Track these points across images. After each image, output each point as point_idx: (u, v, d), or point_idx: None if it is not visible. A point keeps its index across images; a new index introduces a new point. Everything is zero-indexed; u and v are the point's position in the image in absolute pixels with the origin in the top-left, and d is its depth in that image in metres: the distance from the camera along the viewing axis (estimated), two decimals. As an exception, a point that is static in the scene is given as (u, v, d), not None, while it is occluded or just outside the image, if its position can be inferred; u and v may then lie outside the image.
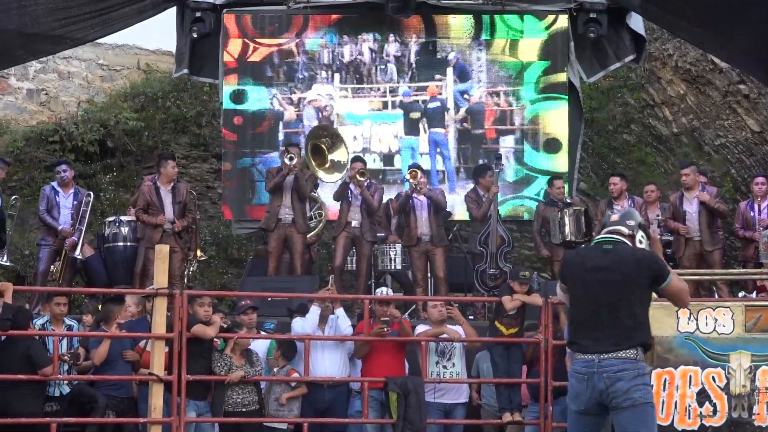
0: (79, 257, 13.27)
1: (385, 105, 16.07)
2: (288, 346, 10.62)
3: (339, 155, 14.38)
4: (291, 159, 13.36)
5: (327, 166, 14.30)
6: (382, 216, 13.96)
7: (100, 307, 11.23)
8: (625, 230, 7.20)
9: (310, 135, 14.53)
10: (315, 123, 15.67)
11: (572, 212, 13.43)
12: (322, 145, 14.28)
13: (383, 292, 11.84)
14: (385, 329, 10.39)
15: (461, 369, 10.78)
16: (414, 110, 16.02)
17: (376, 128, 15.96)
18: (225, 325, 10.38)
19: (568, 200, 14.06)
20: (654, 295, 7.14)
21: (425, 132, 15.89)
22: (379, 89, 16.06)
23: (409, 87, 16.04)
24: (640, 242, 7.20)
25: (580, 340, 7.10)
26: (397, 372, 10.51)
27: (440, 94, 16.01)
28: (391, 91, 16.09)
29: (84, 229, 13.33)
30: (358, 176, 13.51)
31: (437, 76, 16.07)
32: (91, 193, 13.95)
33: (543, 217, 13.92)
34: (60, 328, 10.28)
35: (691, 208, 13.50)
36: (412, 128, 15.95)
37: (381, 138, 15.97)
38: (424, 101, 15.96)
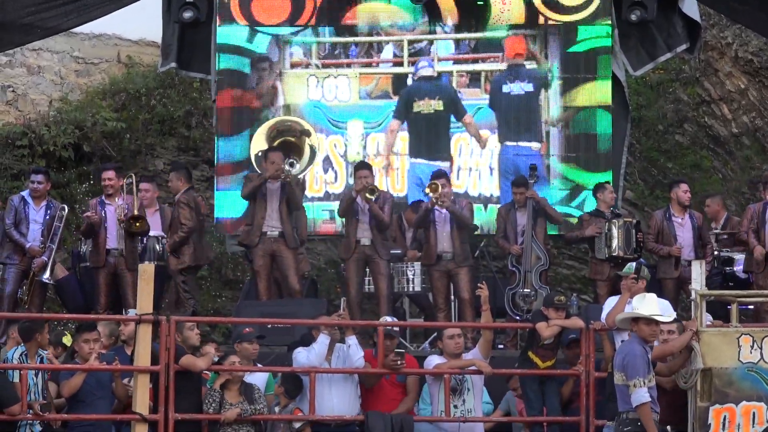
0: (48, 280, 13.21)
1: (398, 84, 12.85)
2: (292, 381, 10.55)
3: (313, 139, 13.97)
4: (292, 165, 13.19)
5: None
6: (396, 229, 13.87)
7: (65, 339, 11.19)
8: None
9: (271, 136, 13.97)
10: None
11: (622, 224, 13.42)
12: (291, 138, 13.87)
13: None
14: (399, 362, 10.40)
15: (473, 406, 10.71)
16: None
17: (377, 139, 14.11)
18: (217, 358, 10.36)
19: (617, 211, 13.99)
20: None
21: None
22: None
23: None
24: None
25: None
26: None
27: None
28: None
29: (55, 247, 13.21)
30: (367, 194, 13.18)
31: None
32: (66, 206, 13.90)
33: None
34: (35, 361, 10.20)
35: None
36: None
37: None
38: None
